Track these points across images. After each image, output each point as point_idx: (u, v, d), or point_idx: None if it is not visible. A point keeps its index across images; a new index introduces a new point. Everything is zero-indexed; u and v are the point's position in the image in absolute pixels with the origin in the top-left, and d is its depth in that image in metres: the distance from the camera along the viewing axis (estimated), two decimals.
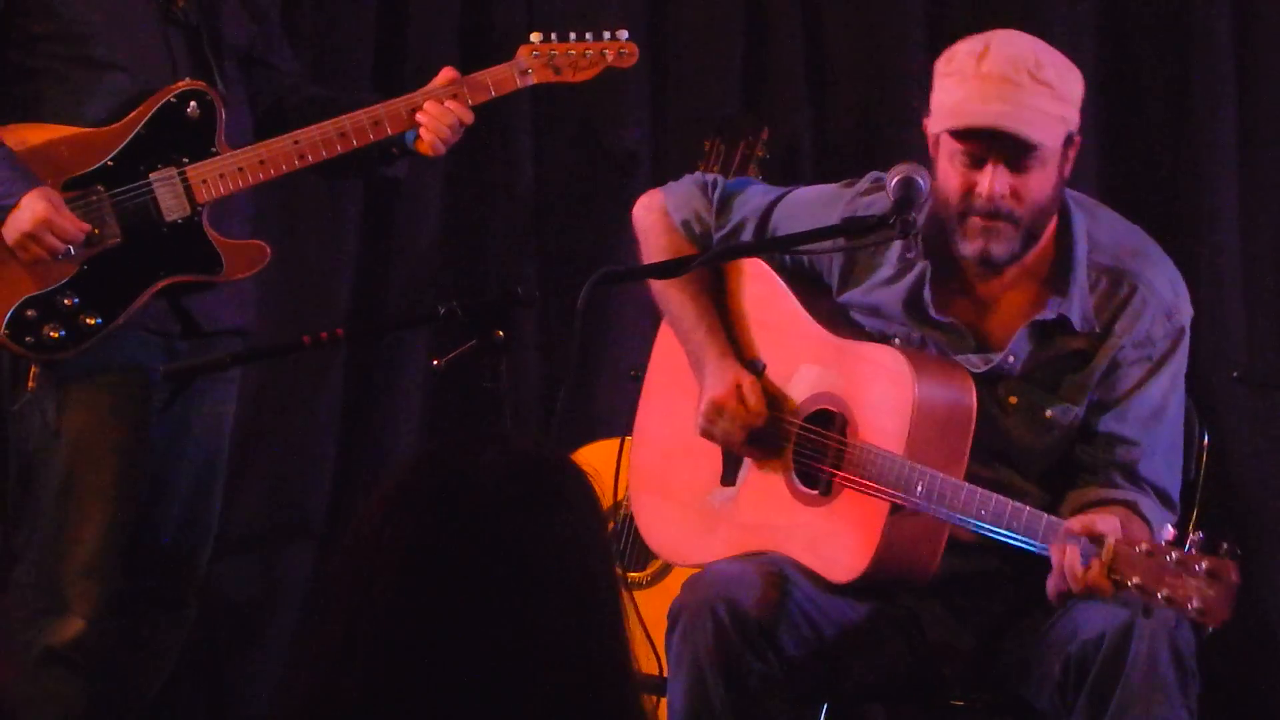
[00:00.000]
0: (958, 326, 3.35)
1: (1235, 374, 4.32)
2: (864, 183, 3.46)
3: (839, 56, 4.75)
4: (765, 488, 3.44)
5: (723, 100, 4.73)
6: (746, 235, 3.53)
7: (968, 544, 3.29)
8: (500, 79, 3.95)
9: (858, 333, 3.42)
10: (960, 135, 3.24)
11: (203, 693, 4.72)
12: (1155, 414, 3.34)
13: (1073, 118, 3.28)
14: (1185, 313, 3.37)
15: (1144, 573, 2.93)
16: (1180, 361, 3.37)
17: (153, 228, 3.76)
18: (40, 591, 3.81)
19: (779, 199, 3.53)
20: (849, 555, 3.30)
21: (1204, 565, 2.88)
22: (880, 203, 3.34)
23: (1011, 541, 3.14)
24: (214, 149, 3.79)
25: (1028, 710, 3.33)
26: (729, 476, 3.50)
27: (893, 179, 3.20)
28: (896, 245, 3.36)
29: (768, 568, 3.38)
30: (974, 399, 3.28)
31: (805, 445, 3.40)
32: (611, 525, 4.24)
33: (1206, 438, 3.63)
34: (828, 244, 3.34)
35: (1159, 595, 2.90)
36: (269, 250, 3.87)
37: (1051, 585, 3.10)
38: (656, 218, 3.64)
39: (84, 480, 3.78)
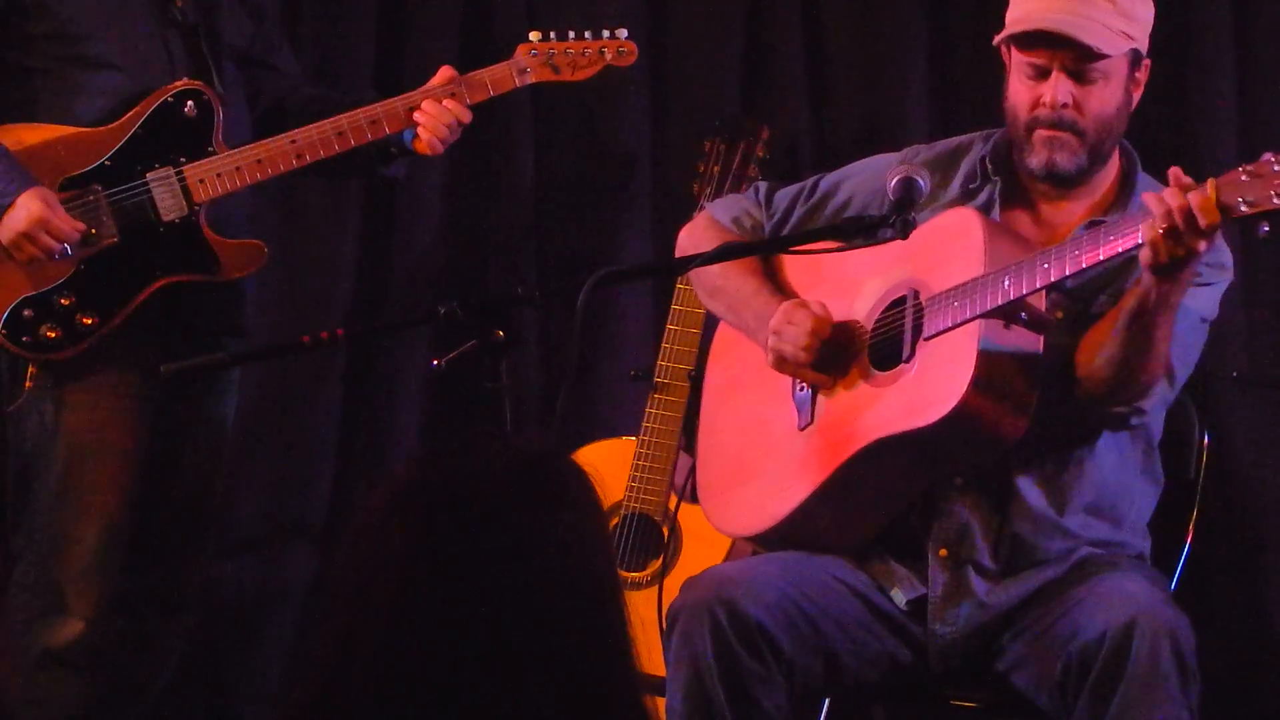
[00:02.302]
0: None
1: (1235, 374, 4.32)
2: (922, 149, 3.56)
3: (839, 56, 4.75)
4: (844, 401, 3.41)
5: (723, 100, 4.73)
6: (796, 215, 3.56)
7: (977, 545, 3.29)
8: (498, 78, 3.96)
9: None
10: (1023, 43, 3.33)
11: (203, 693, 4.72)
12: (1181, 307, 3.27)
13: (1140, 38, 3.35)
14: (1228, 257, 3.38)
15: (1253, 191, 2.98)
16: (1214, 295, 3.37)
17: (150, 227, 3.76)
18: (39, 592, 3.81)
19: (823, 176, 3.59)
20: (946, 385, 3.23)
21: None
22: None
23: (1122, 256, 3.14)
24: (211, 148, 3.80)
25: (1028, 709, 3.34)
26: (804, 423, 3.46)
27: (893, 179, 3.19)
28: (962, 170, 3.47)
29: (765, 567, 3.38)
30: (1043, 333, 3.25)
31: (880, 335, 3.39)
32: (614, 522, 4.24)
33: (1206, 438, 3.63)
34: (827, 244, 3.33)
35: (1274, 203, 2.95)
36: (266, 250, 3.88)
37: (1146, 253, 3.06)
38: (703, 227, 3.65)
39: (82, 481, 3.78)
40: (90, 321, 3.73)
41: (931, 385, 3.27)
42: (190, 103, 3.78)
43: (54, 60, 3.76)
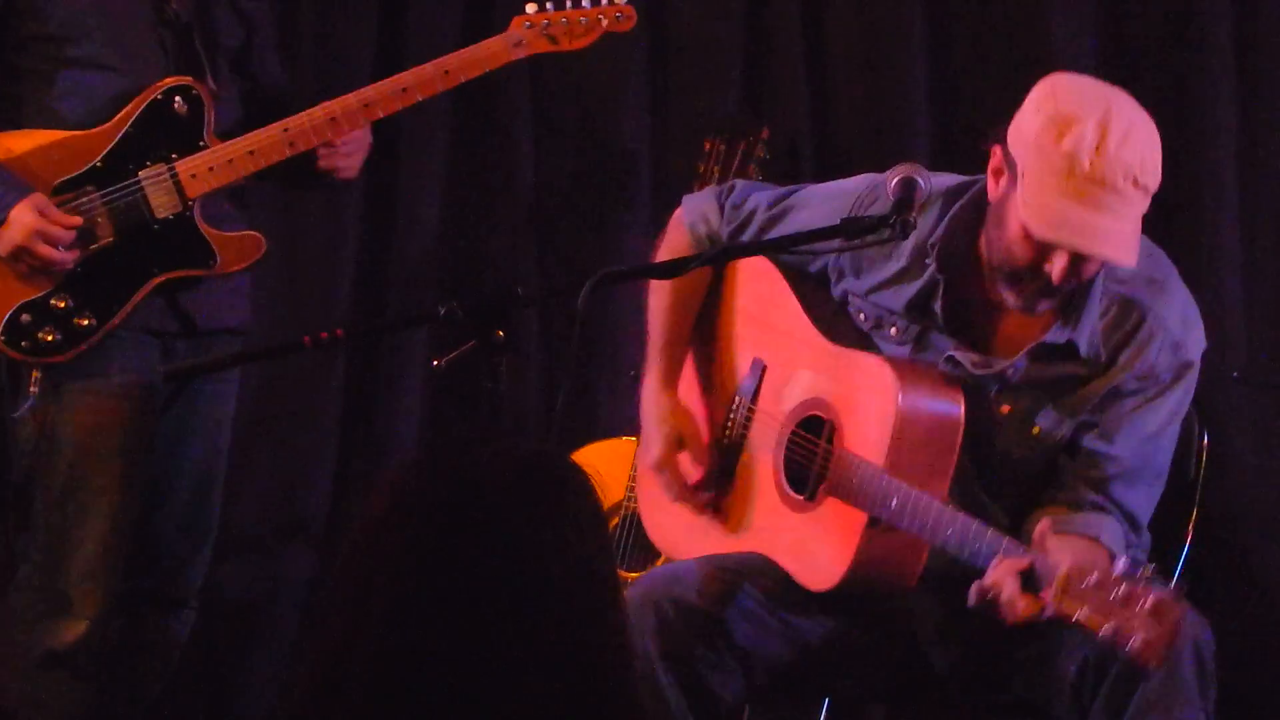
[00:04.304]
0: (962, 331, 3.32)
1: (1235, 374, 4.32)
2: (869, 185, 3.41)
3: (839, 56, 4.75)
4: (755, 489, 3.45)
5: (723, 100, 4.73)
6: (754, 228, 3.52)
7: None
8: (493, 53, 3.89)
9: (852, 336, 3.40)
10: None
11: (203, 693, 4.72)
12: (1145, 440, 3.28)
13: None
14: (1194, 348, 3.29)
15: (1092, 605, 2.88)
16: (1182, 395, 3.30)
17: (144, 226, 3.75)
18: (43, 594, 3.81)
19: (792, 191, 3.53)
20: (827, 564, 3.29)
21: (1149, 602, 2.83)
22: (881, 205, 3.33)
23: (975, 564, 3.10)
24: (203, 143, 3.78)
25: (1032, 710, 3.33)
26: (724, 476, 3.51)
27: (892, 179, 3.16)
28: (909, 243, 3.30)
29: (714, 562, 3.40)
30: (962, 415, 3.24)
31: (795, 449, 3.40)
32: (614, 522, 4.24)
33: (1206, 438, 3.63)
34: (825, 244, 3.33)
35: (1103, 630, 2.86)
36: (264, 242, 3.86)
37: (974, 593, 3.06)
38: (672, 225, 3.66)
39: (85, 483, 3.78)
40: (88, 323, 3.72)
41: (819, 550, 3.31)
42: (179, 98, 3.76)
43: (46, 61, 3.75)
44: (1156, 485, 3.34)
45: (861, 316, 3.40)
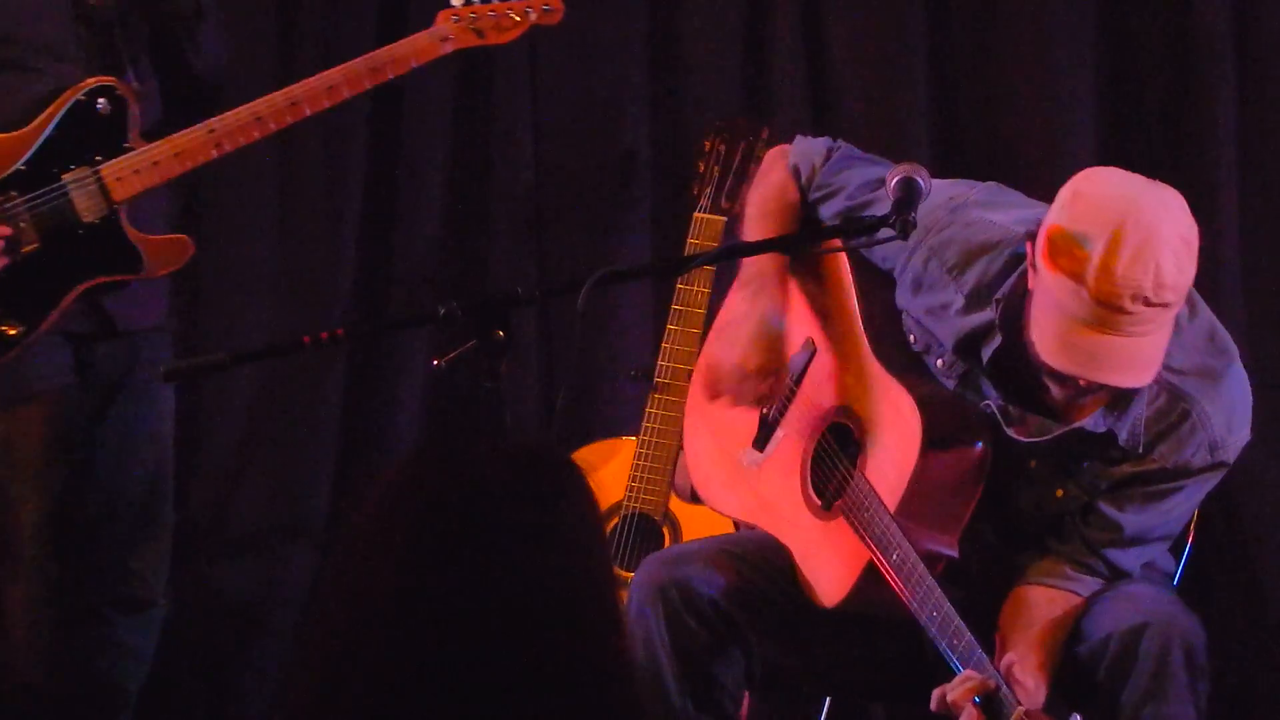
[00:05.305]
0: (1007, 386, 3.22)
1: None
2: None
3: (839, 56, 4.75)
4: (784, 473, 3.42)
5: (723, 100, 4.73)
6: (835, 206, 3.39)
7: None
8: (420, 48, 3.80)
9: (899, 354, 3.31)
10: None
11: (203, 693, 4.72)
12: (1157, 517, 3.25)
13: (1181, 301, 3.05)
14: (1233, 450, 3.21)
15: None
16: (1205, 487, 3.25)
17: (70, 230, 3.67)
18: None
19: (878, 184, 3.33)
20: (828, 583, 3.28)
21: None
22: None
23: (945, 659, 3.10)
24: (127, 144, 3.70)
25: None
26: (761, 441, 3.46)
27: (892, 179, 3.12)
28: (974, 275, 3.20)
29: (723, 548, 3.41)
30: (986, 464, 3.18)
31: (823, 452, 3.38)
32: (615, 522, 4.25)
33: None
34: (825, 244, 3.33)
35: None
36: (192, 245, 3.78)
37: (935, 700, 3.07)
38: (775, 156, 3.52)
39: (8, 490, 3.75)
40: (15, 331, 3.64)
41: (825, 567, 3.29)
42: (103, 100, 3.68)
43: None
44: (1157, 548, 3.33)
45: (912, 338, 3.32)
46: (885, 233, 3.07)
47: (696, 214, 4.26)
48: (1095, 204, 3.02)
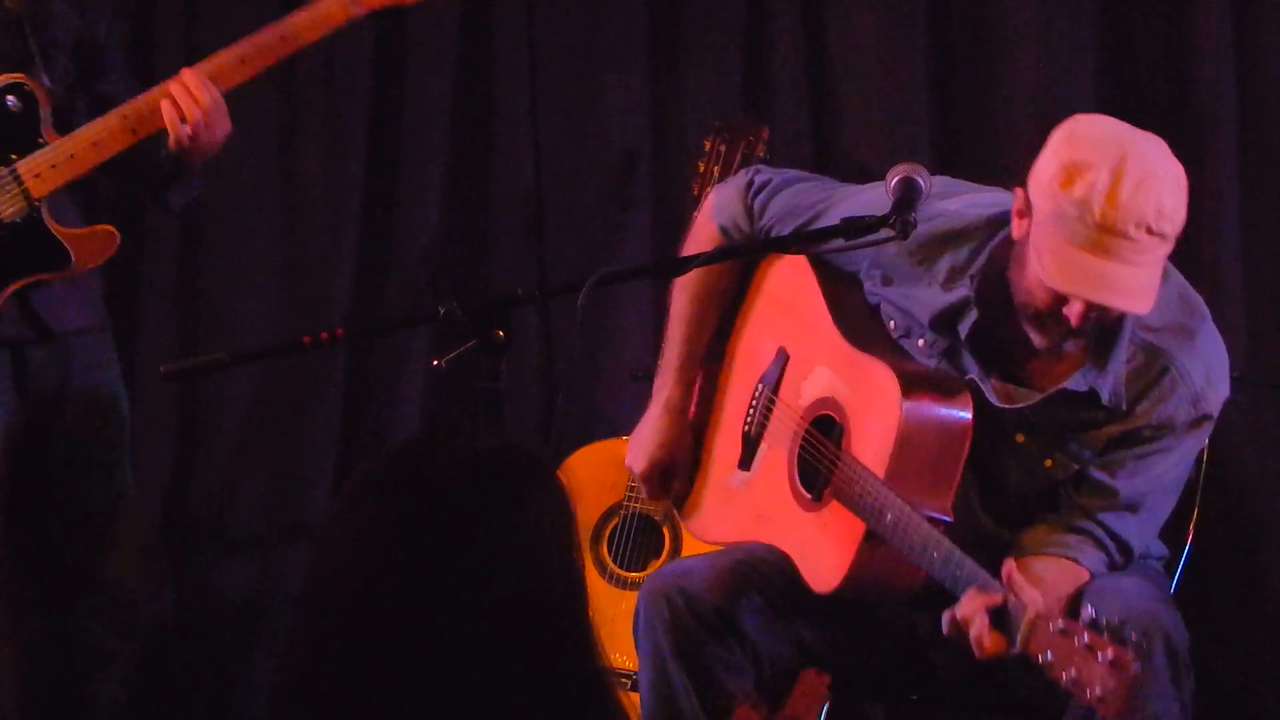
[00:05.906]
0: (988, 359, 3.27)
1: (1235, 374, 4.31)
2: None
3: (839, 56, 4.75)
4: (773, 481, 3.46)
5: (723, 100, 4.73)
6: (785, 230, 3.43)
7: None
8: (329, 13, 3.72)
9: (879, 340, 3.36)
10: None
11: (203, 693, 4.73)
12: (1148, 480, 3.28)
13: (1175, 237, 3.13)
14: (1214, 402, 3.27)
15: (1056, 650, 2.91)
16: (1194, 444, 3.30)
17: None
18: None
19: (825, 196, 3.43)
20: (827, 568, 3.30)
21: (1109, 654, 2.85)
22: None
23: (954, 592, 3.11)
24: (41, 140, 3.65)
25: (1025, 709, 3.33)
26: (745, 460, 3.52)
27: (892, 179, 3.15)
28: (945, 263, 3.29)
29: (727, 556, 3.42)
30: (970, 425, 3.22)
31: (808, 447, 3.40)
32: (615, 522, 4.25)
33: (1207, 438, 3.62)
34: (826, 244, 3.32)
35: (1065, 675, 2.88)
36: (118, 235, 3.73)
37: (947, 621, 3.09)
38: (703, 218, 3.61)
39: None
40: None
41: (821, 554, 3.31)
42: (11, 97, 3.62)
43: None
44: (1153, 523, 3.35)
45: (892, 324, 3.37)
46: (886, 232, 3.12)
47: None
48: (1093, 137, 3.12)
